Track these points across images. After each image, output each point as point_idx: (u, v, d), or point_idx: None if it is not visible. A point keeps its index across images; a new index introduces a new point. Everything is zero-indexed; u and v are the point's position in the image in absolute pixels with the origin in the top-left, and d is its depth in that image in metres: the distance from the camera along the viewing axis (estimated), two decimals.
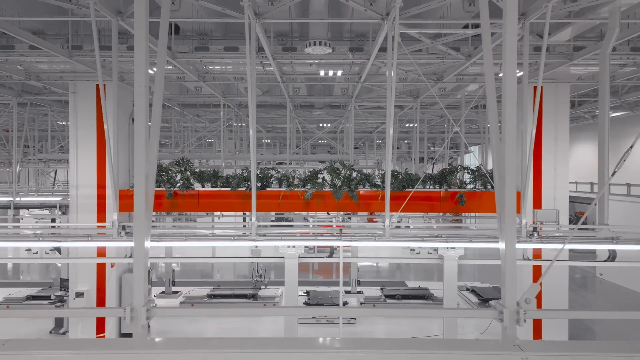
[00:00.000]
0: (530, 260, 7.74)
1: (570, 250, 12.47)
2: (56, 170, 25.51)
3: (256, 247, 7.40)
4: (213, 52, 9.90)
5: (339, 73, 11.53)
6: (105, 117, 8.76)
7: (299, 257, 7.17)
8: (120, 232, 7.81)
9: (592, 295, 17.82)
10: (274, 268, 20.40)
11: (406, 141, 29.19)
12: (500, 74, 11.63)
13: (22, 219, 22.38)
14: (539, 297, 12.68)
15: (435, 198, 12.62)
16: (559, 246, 7.24)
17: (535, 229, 7.36)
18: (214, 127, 19.91)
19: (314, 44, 8.36)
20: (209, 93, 15.75)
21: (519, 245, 6.83)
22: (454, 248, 7.12)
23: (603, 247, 7.19)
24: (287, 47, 9.79)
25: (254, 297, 16.15)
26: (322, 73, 11.51)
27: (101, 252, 11.33)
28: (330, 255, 8.09)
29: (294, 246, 7.14)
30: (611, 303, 17.15)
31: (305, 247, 7.39)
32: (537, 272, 12.58)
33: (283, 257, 7.23)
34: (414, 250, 28.42)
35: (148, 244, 4.58)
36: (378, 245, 7.50)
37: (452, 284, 7.33)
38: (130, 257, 8.34)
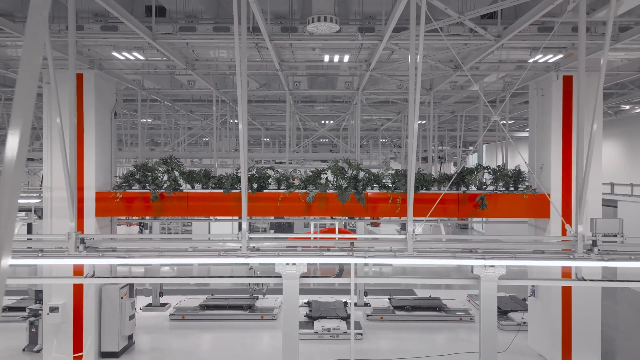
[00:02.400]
0: (592, 281, 6.29)
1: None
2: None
3: (253, 265, 6.04)
4: (201, 34, 8.57)
5: (346, 59, 10.18)
6: (45, 107, 7.42)
7: (301, 277, 5.84)
8: (77, 247, 6.46)
9: (619, 306, 16.48)
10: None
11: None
12: (531, 60, 10.29)
13: None
14: (567, 317, 11.33)
15: (452, 201, 11.31)
16: None
17: (594, 243, 6.02)
18: (207, 123, 18.57)
19: (318, 20, 7.01)
20: (203, 87, 14.44)
21: (575, 264, 5.52)
22: (493, 266, 5.79)
23: None
24: (287, 26, 8.46)
25: (250, 308, 14.84)
26: (326, 59, 10.16)
27: (78, 270, 10.02)
28: (339, 274, 6.75)
29: (294, 264, 5.82)
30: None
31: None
32: (566, 295, 11.21)
33: (280, 277, 5.90)
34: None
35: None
36: (399, 263, 6.16)
37: (491, 310, 5.99)
38: (93, 276, 7.02)
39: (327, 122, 21.72)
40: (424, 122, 20.75)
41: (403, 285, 17.63)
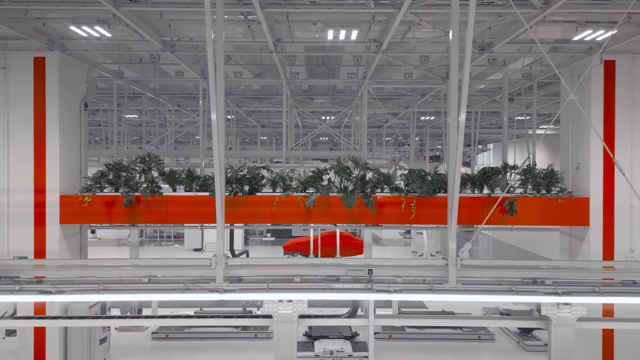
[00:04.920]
0: None
1: None
2: None
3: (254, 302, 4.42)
4: (176, 1, 6.96)
5: (354, 36, 8.56)
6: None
7: (300, 317, 4.24)
8: None
9: None
10: None
11: (417, 138, 26.17)
12: (577, 37, 8.64)
13: None
14: (609, 339, 9.71)
15: (475, 205, 9.74)
16: None
17: None
18: (196, 118, 16.92)
19: None
20: (191, 77, 12.86)
21: None
22: (569, 305, 4.21)
23: None
24: None
25: (243, 325, 13.20)
26: (330, 36, 8.54)
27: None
28: (353, 314, 5.12)
29: (290, 300, 4.23)
30: None
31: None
32: (606, 315, 9.48)
33: (270, 317, 4.30)
34: (416, 252, 25.41)
35: None
36: (436, 300, 4.57)
37: None
38: (14, 316, 5.42)
39: (327, 118, 20.11)
40: (433, 117, 19.21)
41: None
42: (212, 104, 5.46)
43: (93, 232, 26.84)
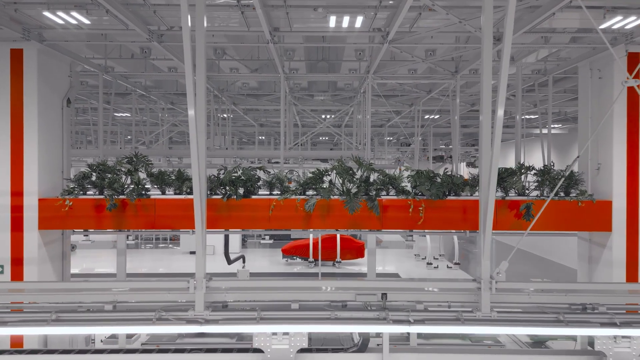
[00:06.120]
0: None
1: None
2: None
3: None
4: None
5: (358, 23, 7.81)
6: None
7: (298, 352, 3.52)
8: None
9: None
10: None
11: (420, 137, 25.42)
12: (604, 25, 7.83)
13: None
14: None
15: None
16: None
17: None
18: (185, 114, 16.19)
19: None
20: (184, 71, 12.11)
21: None
22: (628, 337, 3.47)
23: None
24: None
25: (238, 334, 12.42)
26: (332, 23, 7.80)
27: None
28: (363, 347, 4.40)
29: (286, 333, 3.49)
30: None
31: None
32: None
33: (262, 352, 3.60)
34: (418, 255, 24.68)
35: None
36: (464, 332, 3.84)
37: None
38: None
39: (327, 116, 19.36)
40: (437, 116, 18.50)
41: None
42: (188, 96, 4.73)
43: (86, 235, 26.10)
